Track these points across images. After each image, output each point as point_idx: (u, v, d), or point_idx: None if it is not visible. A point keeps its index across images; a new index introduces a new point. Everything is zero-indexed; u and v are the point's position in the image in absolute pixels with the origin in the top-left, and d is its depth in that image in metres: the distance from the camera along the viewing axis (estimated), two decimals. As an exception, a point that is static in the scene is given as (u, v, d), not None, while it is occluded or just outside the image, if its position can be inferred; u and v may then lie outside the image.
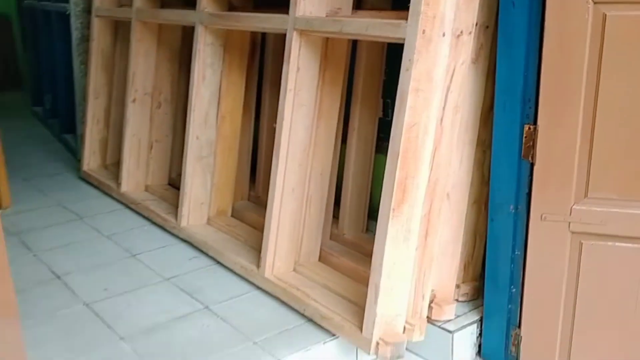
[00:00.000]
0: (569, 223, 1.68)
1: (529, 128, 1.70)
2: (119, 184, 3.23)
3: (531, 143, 1.70)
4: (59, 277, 2.46)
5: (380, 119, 2.54)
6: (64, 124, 4.47)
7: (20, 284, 2.38)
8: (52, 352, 1.93)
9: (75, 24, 3.85)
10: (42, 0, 4.71)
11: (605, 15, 1.56)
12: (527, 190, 1.75)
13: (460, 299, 2.07)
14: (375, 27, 1.80)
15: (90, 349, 1.96)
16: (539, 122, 1.67)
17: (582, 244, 1.69)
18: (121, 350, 1.96)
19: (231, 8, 2.66)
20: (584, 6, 1.57)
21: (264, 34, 2.84)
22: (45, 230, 2.94)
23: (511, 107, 1.74)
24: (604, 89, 1.59)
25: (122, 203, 3.21)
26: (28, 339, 1.97)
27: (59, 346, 1.97)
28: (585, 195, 1.67)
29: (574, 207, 1.68)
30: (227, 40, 2.66)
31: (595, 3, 1.56)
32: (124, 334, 2.04)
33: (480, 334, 1.99)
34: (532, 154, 1.70)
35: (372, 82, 2.45)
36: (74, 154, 4.10)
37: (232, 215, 2.86)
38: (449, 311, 1.97)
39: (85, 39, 3.78)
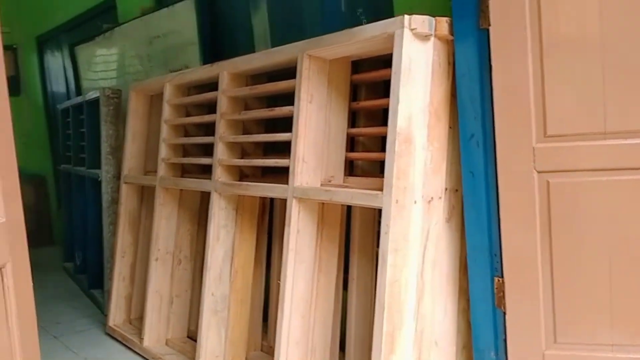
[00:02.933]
0: (543, 367, 1.85)
1: (498, 280, 1.92)
2: (141, 339, 3.44)
3: (501, 294, 1.91)
4: None
5: (377, 266, 2.76)
6: (92, 279, 4.76)
7: None
8: None
9: (105, 188, 4.27)
10: (76, 165, 5.21)
11: (549, 182, 1.84)
12: (504, 337, 1.92)
13: None
14: (358, 197, 2.10)
15: None
16: (505, 275, 1.89)
17: (558, 385, 1.84)
18: None
19: (242, 176, 3.02)
20: (530, 175, 1.85)
21: (271, 195, 3.17)
22: (72, 387, 3.12)
23: (481, 261, 1.97)
24: (557, 246, 1.82)
25: (144, 358, 3.39)
26: None
27: None
28: (555, 341, 1.84)
29: (545, 352, 1.85)
30: (239, 203, 2.99)
31: (539, 172, 1.85)
32: None
33: None
34: (503, 304, 1.90)
35: (366, 234, 2.71)
36: (101, 308, 4.34)
37: (246, 366, 3.02)
38: None
39: (114, 201, 4.17)
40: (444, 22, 2.01)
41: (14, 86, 7.40)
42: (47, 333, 3.84)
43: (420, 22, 1.96)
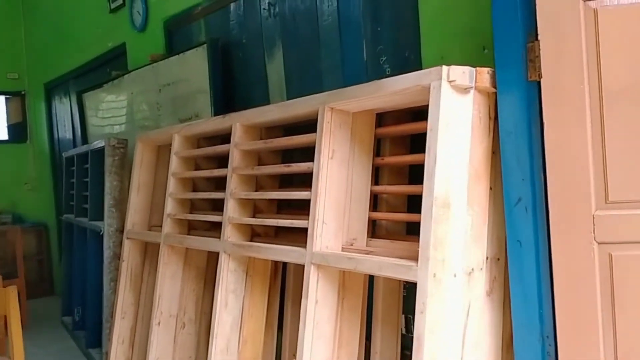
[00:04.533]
0: None
1: (553, 368, 1.66)
2: (139, 411, 3.15)
3: (557, 384, 1.64)
4: None
5: (402, 335, 2.50)
6: (90, 337, 4.48)
7: None
8: None
9: (107, 243, 4.03)
10: (79, 216, 5.00)
11: (611, 255, 1.59)
12: None
13: None
14: (388, 267, 1.86)
15: None
16: (561, 362, 1.63)
17: None
18: None
19: (254, 234, 2.79)
20: (589, 247, 1.61)
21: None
22: None
23: (531, 344, 1.71)
24: (623, 329, 1.57)
25: None
26: None
27: None
28: None
29: None
30: (249, 264, 2.74)
31: (599, 244, 1.61)
32: None
33: None
34: (559, 397, 1.63)
35: (391, 302, 2.45)
36: (98, 371, 4.06)
37: None
38: None
39: (116, 257, 3.93)
40: (485, 74, 1.80)
41: (21, 133, 7.29)
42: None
43: (460, 73, 1.76)
